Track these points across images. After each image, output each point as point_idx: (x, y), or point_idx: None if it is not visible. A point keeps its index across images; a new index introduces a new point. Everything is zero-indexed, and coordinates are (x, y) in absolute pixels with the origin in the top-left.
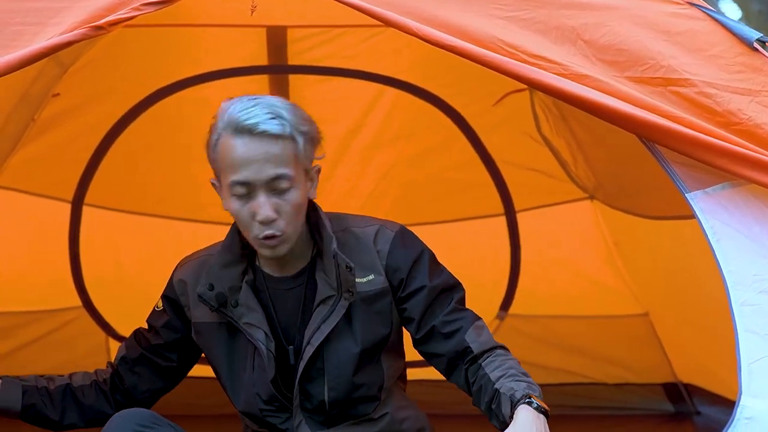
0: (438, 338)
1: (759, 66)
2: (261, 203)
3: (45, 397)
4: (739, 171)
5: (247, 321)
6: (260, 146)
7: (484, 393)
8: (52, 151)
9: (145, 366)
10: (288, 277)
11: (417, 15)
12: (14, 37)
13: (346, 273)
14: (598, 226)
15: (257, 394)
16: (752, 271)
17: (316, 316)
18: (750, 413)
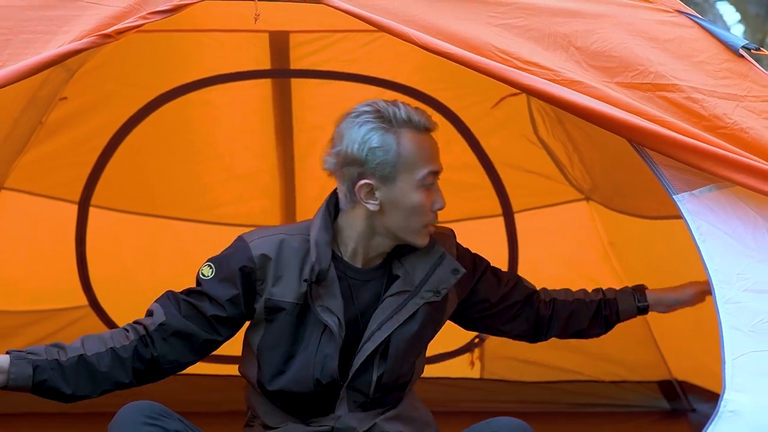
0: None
1: (744, 72)
2: (440, 194)
3: (56, 371)
4: (724, 173)
5: (325, 305)
6: (432, 139)
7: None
8: (60, 154)
9: (183, 338)
10: (368, 269)
11: (415, 23)
12: (26, 45)
13: (449, 275)
14: (594, 226)
15: (315, 376)
16: (736, 270)
17: (387, 304)
18: (733, 407)
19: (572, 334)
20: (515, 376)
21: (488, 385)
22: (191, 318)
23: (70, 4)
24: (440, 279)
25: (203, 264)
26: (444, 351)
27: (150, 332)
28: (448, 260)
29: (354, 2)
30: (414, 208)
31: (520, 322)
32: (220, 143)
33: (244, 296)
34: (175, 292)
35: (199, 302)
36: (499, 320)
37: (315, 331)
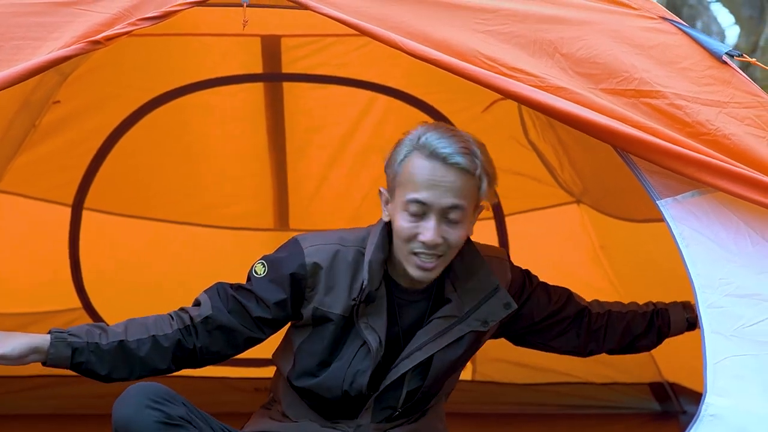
0: (557, 313)
1: (727, 78)
2: (431, 227)
3: (94, 354)
4: (707, 179)
5: (369, 323)
6: (447, 175)
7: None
8: (53, 157)
9: (226, 332)
10: (416, 291)
11: (401, 29)
12: (16, 51)
13: (500, 309)
14: (584, 229)
15: (343, 388)
16: (719, 275)
17: (432, 326)
18: (714, 411)
19: (625, 347)
20: (507, 378)
21: (480, 387)
22: (237, 315)
23: (61, 10)
24: (491, 311)
25: (257, 260)
26: None
27: (195, 323)
28: (502, 293)
29: (341, 8)
30: (399, 230)
31: (570, 338)
32: (212, 146)
33: (292, 301)
34: (226, 284)
35: (247, 301)
36: (547, 336)
37: (354, 345)
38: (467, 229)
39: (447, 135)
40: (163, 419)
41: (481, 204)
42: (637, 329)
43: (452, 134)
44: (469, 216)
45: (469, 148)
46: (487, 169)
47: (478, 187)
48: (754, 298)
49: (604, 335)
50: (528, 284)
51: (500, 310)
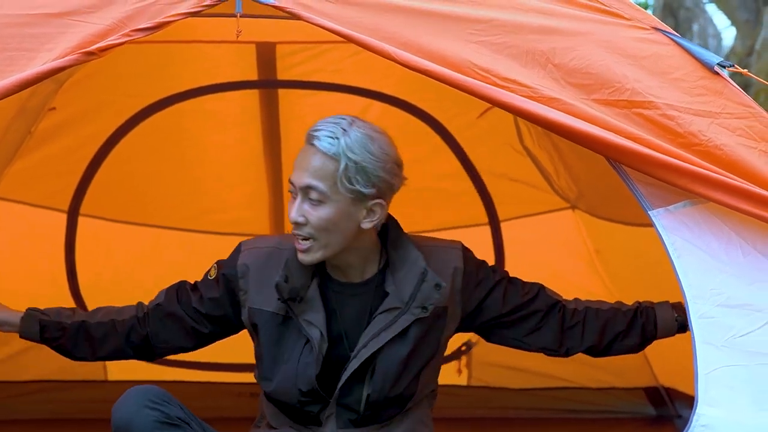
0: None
1: (719, 89)
2: (294, 205)
3: (60, 332)
4: (698, 190)
5: (308, 319)
6: (308, 154)
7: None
8: (49, 163)
9: (175, 321)
10: (354, 284)
11: (395, 40)
12: (10, 62)
13: (432, 290)
14: (580, 234)
15: (297, 386)
16: (710, 286)
17: (377, 322)
18: (706, 421)
19: (607, 345)
20: (502, 383)
21: (475, 392)
22: (184, 305)
23: (54, 21)
24: (425, 296)
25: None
26: None
27: (148, 311)
28: (431, 276)
29: (334, 19)
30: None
31: (544, 334)
32: (208, 152)
33: (228, 301)
34: (186, 281)
35: (193, 294)
36: (520, 331)
37: (298, 344)
38: (336, 213)
39: (329, 119)
40: (162, 419)
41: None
42: (617, 327)
43: (335, 120)
44: (338, 201)
45: (336, 133)
46: (350, 154)
47: (336, 169)
48: (745, 309)
49: (582, 333)
50: (489, 275)
51: (433, 292)
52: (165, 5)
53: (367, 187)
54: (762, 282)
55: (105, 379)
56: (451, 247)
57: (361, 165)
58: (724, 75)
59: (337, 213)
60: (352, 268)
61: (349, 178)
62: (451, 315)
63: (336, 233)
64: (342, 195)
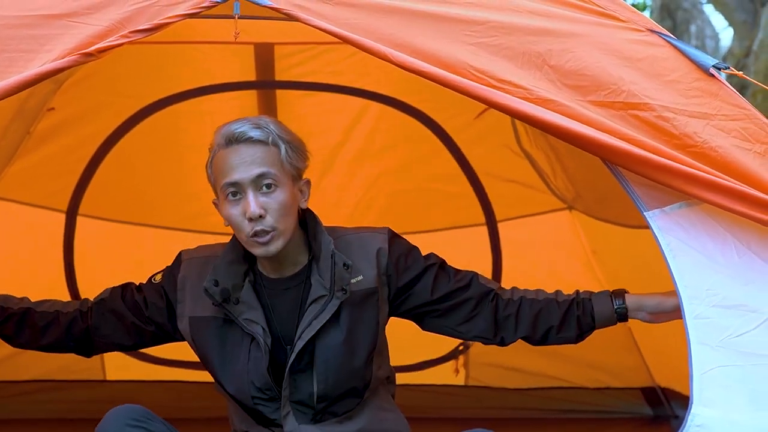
0: (458, 295)
1: (714, 91)
2: (249, 200)
3: (4, 317)
4: (693, 191)
5: (247, 317)
6: (247, 150)
7: (550, 310)
8: (47, 163)
9: (117, 318)
10: (284, 278)
11: (391, 41)
12: (9, 63)
13: (342, 271)
14: (576, 235)
15: (251, 381)
16: (705, 286)
17: (308, 314)
18: (700, 421)
19: (543, 336)
20: (499, 383)
21: (473, 392)
22: (127, 303)
23: (53, 23)
24: (340, 277)
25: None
26: (429, 358)
27: (92, 305)
28: (338, 257)
29: (331, 21)
30: (229, 220)
31: (477, 322)
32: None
33: (167, 311)
34: (132, 282)
35: (137, 294)
36: (453, 320)
37: (244, 343)
38: (288, 196)
39: (238, 120)
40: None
41: (303, 177)
42: (551, 319)
43: (243, 118)
44: (287, 184)
45: (258, 123)
46: (283, 136)
47: (278, 153)
48: (740, 309)
49: (516, 323)
50: (419, 259)
51: (344, 273)
52: (163, 7)
53: (301, 165)
54: (757, 282)
55: (104, 379)
56: (377, 231)
57: (294, 144)
58: (720, 77)
59: (288, 195)
60: (287, 260)
61: (289, 158)
62: (381, 297)
63: (289, 217)
64: (286, 177)
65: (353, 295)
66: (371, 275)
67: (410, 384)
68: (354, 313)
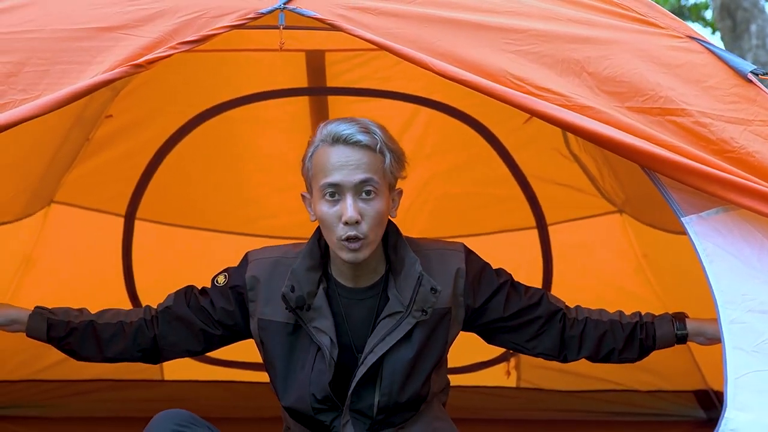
0: (527, 313)
1: (752, 97)
2: (348, 205)
3: (66, 331)
4: (730, 197)
5: (317, 326)
6: (353, 153)
7: (615, 333)
8: (106, 169)
9: (184, 324)
10: (360, 289)
11: (432, 50)
12: (62, 74)
13: (429, 294)
14: (627, 238)
15: (312, 393)
16: (741, 291)
17: (381, 327)
18: (734, 425)
19: (605, 356)
20: (551, 385)
21: (524, 394)
22: (193, 308)
23: (104, 35)
24: (423, 299)
25: (221, 272)
26: (480, 360)
27: (157, 314)
28: (426, 280)
29: (373, 30)
30: (322, 219)
31: (544, 340)
32: (260, 158)
33: (239, 313)
34: (194, 286)
35: (202, 297)
36: (521, 336)
37: (310, 352)
38: (385, 205)
39: (345, 120)
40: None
41: (398, 187)
42: (616, 341)
43: (350, 119)
44: (385, 192)
45: (367, 128)
46: (389, 144)
47: (383, 161)
48: None
49: (580, 343)
50: (493, 277)
51: (429, 296)
52: (210, 18)
53: (400, 175)
54: None
55: (162, 379)
56: (454, 249)
57: (397, 154)
58: (758, 83)
59: (385, 204)
60: (368, 269)
61: (392, 167)
62: (454, 316)
63: (382, 227)
64: (386, 185)
65: (429, 316)
66: (447, 294)
67: (462, 386)
68: (425, 332)
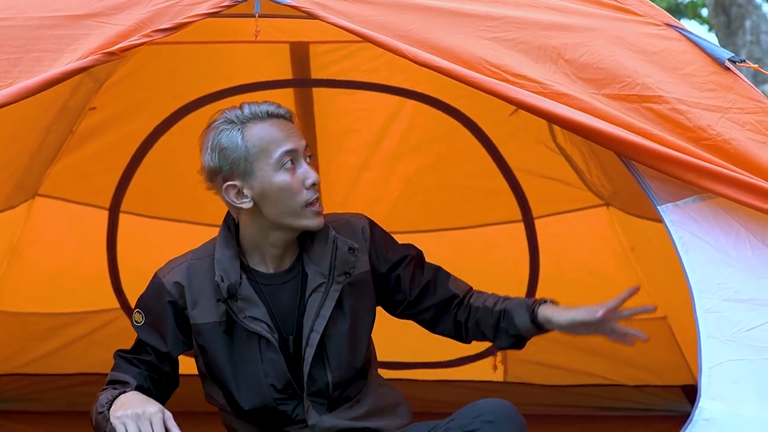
0: (428, 294)
1: (730, 84)
2: (307, 169)
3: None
4: (707, 185)
5: (250, 315)
6: (287, 123)
7: (485, 321)
8: (90, 161)
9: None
10: (280, 273)
11: (409, 38)
12: (35, 62)
13: (347, 255)
14: (614, 231)
15: (271, 384)
16: (717, 280)
17: (311, 304)
18: (708, 415)
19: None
20: (538, 380)
21: (511, 389)
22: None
23: (78, 23)
24: (343, 261)
25: (134, 310)
26: (467, 354)
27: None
28: (342, 241)
29: (349, 18)
30: (282, 191)
31: (444, 321)
32: None
33: (179, 327)
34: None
35: (147, 355)
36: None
37: (252, 343)
38: None
39: (248, 104)
40: None
41: None
42: (486, 328)
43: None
44: None
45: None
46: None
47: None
48: (752, 303)
49: (465, 327)
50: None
51: (348, 256)
52: (185, 6)
53: None
54: None
55: None
56: (357, 217)
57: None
58: (735, 70)
59: None
60: (292, 247)
61: None
62: (367, 282)
63: None
64: None
65: (352, 279)
66: (363, 257)
67: (448, 380)
68: (354, 296)
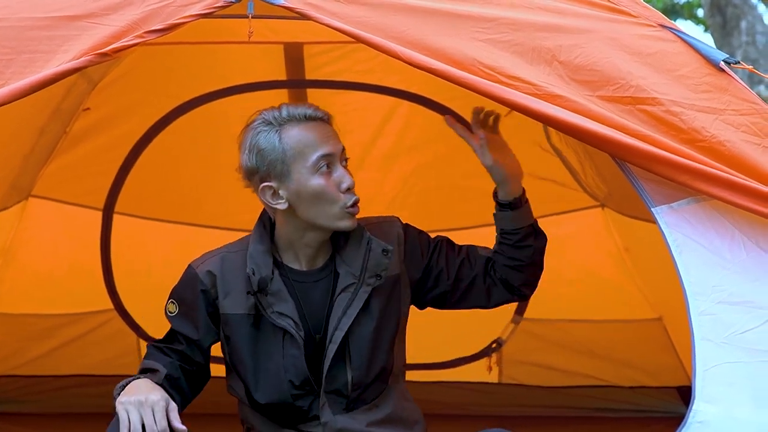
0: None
1: (724, 86)
2: (344, 173)
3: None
4: (701, 187)
5: (278, 310)
6: (325, 126)
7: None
8: (84, 162)
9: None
10: (313, 271)
11: (402, 39)
12: (27, 63)
13: (380, 257)
14: (609, 232)
15: (290, 380)
16: (712, 283)
17: (339, 303)
18: (702, 417)
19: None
20: (533, 381)
21: (506, 390)
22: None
23: (71, 24)
24: (376, 263)
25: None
26: (462, 355)
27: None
28: (376, 243)
29: (342, 19)
30: (317, 194)
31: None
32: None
33: (210, 317)
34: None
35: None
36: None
37: (276, 338)
38: None
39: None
40: None
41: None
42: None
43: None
44: None
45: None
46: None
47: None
48: (747, 306)
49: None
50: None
51: (382, 259)
52: (178, 7)
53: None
54: (764, 279)
55: None
56: (391, 220)
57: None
58: (730, 72)
59: None
60: (326, 247)
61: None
62: (404, 282)
63: None
64: None
65: (384, 281)
66: (396, 259)
67: (444, 381)
68: (382, 300)
